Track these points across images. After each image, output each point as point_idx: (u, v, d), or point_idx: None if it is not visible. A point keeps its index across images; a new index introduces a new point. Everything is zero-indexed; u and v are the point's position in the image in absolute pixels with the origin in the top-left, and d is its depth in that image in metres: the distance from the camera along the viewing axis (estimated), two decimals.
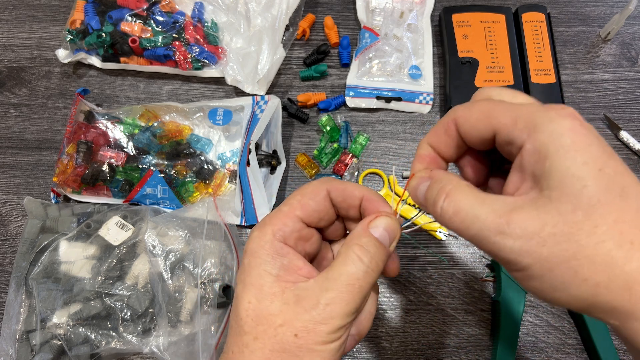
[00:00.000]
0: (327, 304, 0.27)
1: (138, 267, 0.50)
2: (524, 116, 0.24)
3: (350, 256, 0.28)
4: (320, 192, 0.32)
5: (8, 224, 0.58)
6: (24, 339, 0.48)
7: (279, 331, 0.27)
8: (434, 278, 0.54)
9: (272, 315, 0.27)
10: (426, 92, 0.62)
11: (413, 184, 0.29)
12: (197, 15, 0.63)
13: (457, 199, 0.25)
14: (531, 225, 0.22)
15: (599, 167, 0.22)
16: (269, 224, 0.30)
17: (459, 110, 0.28)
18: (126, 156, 0.56)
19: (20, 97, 0.64)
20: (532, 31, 0.62)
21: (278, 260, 0.29)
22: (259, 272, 0.28)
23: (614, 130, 0.60)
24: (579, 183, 0.21)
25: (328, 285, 0.27)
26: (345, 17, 0.68)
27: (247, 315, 0.28)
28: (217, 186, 0.56)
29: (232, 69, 0.61)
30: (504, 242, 0.22)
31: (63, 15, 0.69)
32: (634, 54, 0.65)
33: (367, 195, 0.32)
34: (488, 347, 0.51)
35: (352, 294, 0.27)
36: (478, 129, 0.27)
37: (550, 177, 0.22)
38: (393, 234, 0.30)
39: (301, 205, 0.31)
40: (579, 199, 0.21)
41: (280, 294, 0.27)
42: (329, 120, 0.59)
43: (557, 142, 0.22)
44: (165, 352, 0.47)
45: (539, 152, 0.23)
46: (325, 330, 0.26)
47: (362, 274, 0.28)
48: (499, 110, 0.26)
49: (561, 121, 0.23)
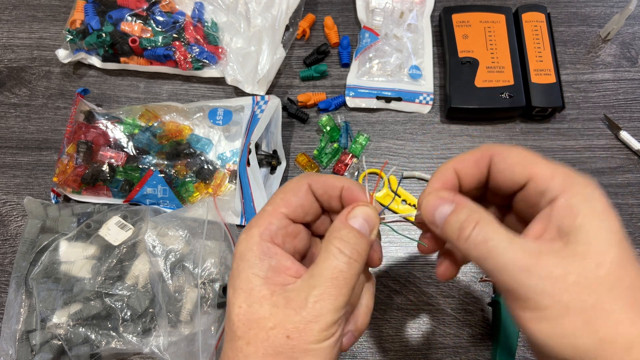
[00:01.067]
0: (315, 301, 0.27)
1: (138, 267, 0.50)
2: (562, 174, 0.27)
3: (331, 250, 0.28)
4: (301, 186, 0.32)
5: (8, 224, 0.58)
6: (24, 339, 0.48)
7: (271, 334, 0.27)
8: (434, 278, 0.54)
9: (263, 319, 0.27)
10: (426, 92, 0.62)
11: (432, 203, 0.29)
12: (197, 15, 0.63)
13: (487, 229, 0.26)
14: (557, 270, 0.24)
15: (620, 237, 0.25)
16: (255, 226, 0.30)
17: (497, 147, 0.30)
18: (126, 156, 0.56)
19: (20, 97, 0.64)
20: (532, 31, 0.62)
21: (266, 261, 0.29)
22: (247, 275, 0.28)
23: (614, 130, 0.60)
24: (606, 245, 0.24)
25: (314, 282, 0.27)
26: (345, 17, 0.68)
27: (238, 320, 0.28)
28: (217, 186, 0.56)
29: (232, 69, 0.61)
30: (528, 280, 0.24)
31: (63, 15, 0.69)
32: (634, 54, 0.65)
33: (347, 185, 0.32)
34: (488, 347, 0.51)
35: (338, 287, 0.27)
36: (514, 171, 0.28)
37: (578, 234, 0.24)
38: (372, 222, 0.30)
39: (284, 202, 0.31)
40: (604, 259, 0.24)
41: (269, 297, 0.27)
42: (329, 120, 0.59)
43: (590, 205, 0.25)
44: (165, 352, 0.47)
45: (572, 208, 0.25)
46: (317, 329, 0.26)
47: (345, 266, 0.28)
48: (539, 161, 0.28)
49: (594, 189, 0.26)
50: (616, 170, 0.59)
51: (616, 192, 0.57)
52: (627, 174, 0.58)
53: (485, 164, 0.30)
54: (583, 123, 0.61)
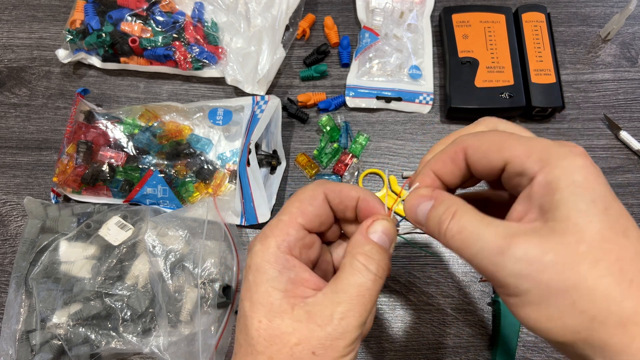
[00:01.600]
0: (341, 318, 0.26)
1: (138, 267, 0.50)
2: (538, 150, 0.25)
3: (357, 266, 0.28)
4: (318, 195, 0.31)
5: (8, 224, 0.58)
6: (24, 339, 0.48)
7: (295, 350, 0.26)
8: (434, 278, 0.54)
9: (286, 334, 0.27)
10: (426, 92, 0.62)
11: (413, 202, 0.29)
12: (197, 15, 0.63)
13: (462, 219, 0.25)
14: (533, 250, 0.23)
15: (605, 206, 0.23)
16: (271, 236, 0.29)
17: (468, 139, 0.28)
18: (126, 156, 0.56)
19: (20, 97, 0.64)
20: (532, 31, 0.62)
21: (285, 274, 0.28)
22: (266, 289, 0.28)
23: (614, 130, 0.60)
24: (586, 218, 0.22)
25: (339, 298, 0.27)
26: (345, 17, 0.68)
27: (259, 335, 0.27)
28: (217, 186, 0.56)
29: (232, 69, 0.61)
30: (504, 263, 0.23)
31: (63, 15, 0.69)
32: (634, 54, 0.65)
33: (363, 196, 0.31)
34: (488, 347, 0.51)
35: (364, 304, 0.27)
36: (489, 158, 0.27)
37: (557, 210, 0.23)
38: (391, 236, 0.30)
39: (301, 212, 0.30)
40: (584, 233, 0.22)
41: (290, 311, 0.27)
42: (329, 120, 0.59)
43: (569, 178, 0.23)
44: (165, 352, 0.47)
45: (550, 185, 0.23)
46: (342, 345, 0.26)
47: (372, 284, 0.28)
48: (512, 141, 0.26)
49: (574, 158, 0.24)
50: (616, 170, 0.59)
51: (616, 192, 0.57)
52: (627, 174, 0.58)
53: (461, 159, 0.29)
54: (583, 123, 0.61)
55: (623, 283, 0.21)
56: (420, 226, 0.29)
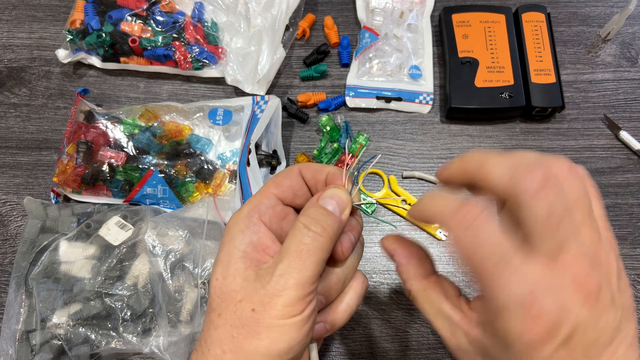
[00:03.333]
0: (280, 275, 0.27)
1: (138, 267, 0.50)
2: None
3: (298, 227, 0.29)
4: (292, 170, 0.33)
5: (8, 224, 0.58)
6: (24, 339, 0.48)
7: (238, 307, 0.27)
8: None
9: (234, 292, 0.28)
10: (426, 92, 0.62)
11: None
12: (197, 15, 0.63)
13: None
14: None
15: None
16: (246, 204, 0.31)
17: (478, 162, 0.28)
18: (126, 156, 0.56)
19: (20, 97, 0.64)
20: (532, 31, 0.62)
21: (247, 236, 0.29)
22: (228, 249, 0.29)
23: (614, 130, 0.60)
24: None
25: (280, 257, 0.28)
26: (345, 17, 0.68)
27: (214, 293, 0.28)
28: (217, 186, 0.56)
29: (232, 69, 0.61)
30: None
31: (63, 15, 0.69)
32: (634, 54, 0.65)
33: (332, 171, 0.33)
34: None
35: (301, 259, 0.27)
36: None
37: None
38: (342, 202, 0.31)
39: (275, 184, 0.32)
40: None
41: (243, 271, 0.28)
42: (329, 120, 0.59)
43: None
44: (165, 352, 0.47)
45: None
46: (281, 303, 0.26)
47: (309, 240, 0.28)
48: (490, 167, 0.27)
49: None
50: (616, 170, 0.59)
51: (616, 192, 0.57)
52: (627, 174, 0.58)
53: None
54: (583, 123, 0.61)
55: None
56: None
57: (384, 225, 0.57)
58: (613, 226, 0.56)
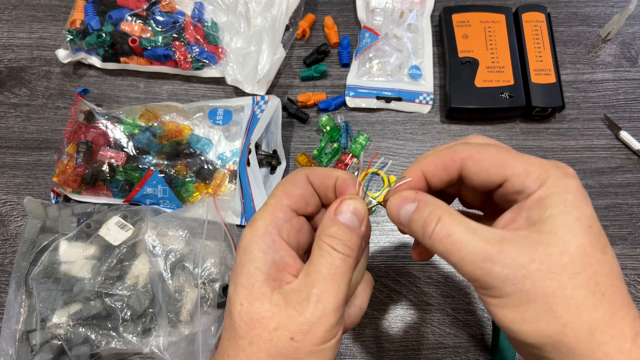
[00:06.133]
0: (317, 301, 0.26)
1: (138, 267, 0.50)
2: (536, 170, 0.27)
3: (324, 248, 0.28)
4: (300, 177, 0.32)
5: (8, 224, 0.58)
6: (24, 339, 0.48)
7: (274, 335, 0.26)
8: (434, 278, 0.54)
9: (265, 319, 0.27)
10: (426, 92, 0.62)
11: (395, 203, 0.30)
12: (197, 15, 0.63)
13: (449, 223, 0.26)
14: (520, 258, 0.24)
15: (589, 224, 0.25)
16: (260, 218, 0.30)
17: (468, 150, 0.29)
18: (126, 156, 0.56)
19: (20, 97, 0.64)
20: (532, 31, 0.62)
21: (270, 256, 0.28)
22: (249, 270, 0.28)
23: (614, 130, 0.60)
24: (571, 233, 0.24)
25: (312, 280, 0.27)
26: (345, 17, 0.68)
27: (240, 319, 0.27)
28: (217, 186, 0.56)
29: (232, 69, 0.61)
30: (492, 268, 0.24)
31: (63, 15, 0.69)
32: (634, 54, 0.65)
33: (341, 175, 0.32)
34: (488, 347, 0.51)
35: (336, 282, 0.27)
36: (489, 173, 0.28)
37: (546, 223, 0.25)
38: (361, 215, 0.30)
39: (286, 194, 0.31)
40: (567, 246, 0.24)
41: (269, 295, 0.27)
42: (329, 120, 0.59)
43: (562, 198, 0.25)
44: (165, 352, 0.47)
45: (544, 201, 0.25)
46: (321, 330, 0.26)
47: (341, 262, 0.28)
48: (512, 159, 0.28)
49: (569, 180, 0.26)
50: (616, 170, 0.59)
51: (616, 192, 0.57)
52: (627, 174, 0.58)
53: (455, 169, 0.30)
54: (583, 123, 0.61)
55: (596, 295, 0.23)
56: (402, 227, 0.30)
57: (384, 225, 0.57)
58: (613, 226, 0.56)
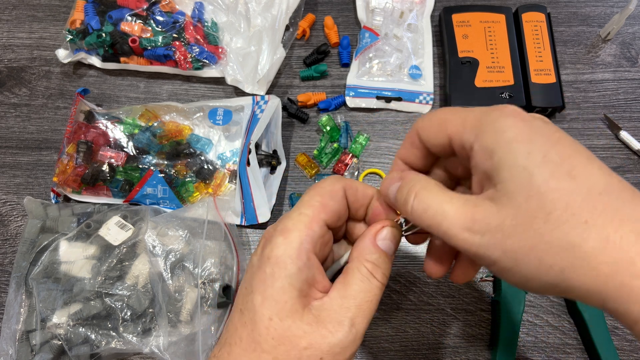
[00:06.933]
0: (351, 325, 0.27)
1: (138, 267, 0.50)
2: (471, 119, 0.25)
3: (365, 273, 0.28)
4: (339, 191, 0.30)
5: (8, 224, 0.58)
6: (24, 339, 0.48)
7: (304, 354, 0.26)
8: (434, 278, 0.54)
9: (296, 337, 0.26)
10: (426, 92, 0.62)
11: (385, 185, 0.30)
12: (197, 15, 0.63)
13: (424, 197, 0.26)
14: (494, 219, 0.23)
15: (543, 154, 0.22)
16: (295, 230, 0.28)
17: (419, 121, 0.29)
18: (126, 156, 0.56)
19: (20, 97, 0.64)
20: (532, 31, 0.62)
21: (304, 272, 0.27)
22: (282, 285, 0.26)
23: (614, 130, 0.60)
24: (526, 172, 0.22)
25: (348, 304, 0.27)
26: (345, 17, 0.68)
27: (267, 334, 0.26)
28: (217, 186, 0.56)
29: (232, 69, 0.61)
30: (472, 238, 0.23)
31: (63, 15, 0.69)
32: (634, 54, 0.65)
33: (377, 195, 0.32)
34: (488, 347, 0.51)
35: (371, 310, 0.28)
36: (436, 136, 0.28)
37: (500, 172, 0.23)
38: (397, 243, 0.30)
39: (324, 207, 0.29)
40: (529, 188, 0.22)
41: (301, 313, 0.26)
42: (329, 120, 0.59)
43: (500, 138, 0.23)
44: (165, 352, 0.47)
45: (486, 149, 0.24)
46: (350, 353, 0.27)
47: (378, 291, 0.28)
48: (451, 116, 0.27)
49: (503, 119, 0.24)
50: (616, 170, 0.59)
51: None
52: (627, 174, 0.58)
53: (417, 140, 0.29)
54: (583, 123, 0.61)
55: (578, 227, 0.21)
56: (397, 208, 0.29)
57: None
58: None
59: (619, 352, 0.50)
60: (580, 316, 0.49)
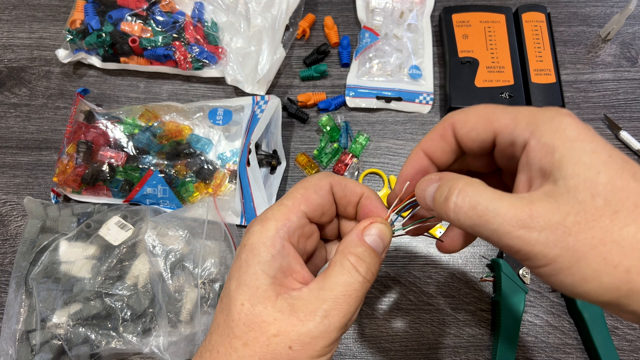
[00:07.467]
0: (324, 316, 0.26)
1: (138, 267, 0.50)
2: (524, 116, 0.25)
3: (347, 266, 0.27)
4: (324, 185, 0.31)
5: (8, 224, 0.58)
6: (24, 339, 0.48)
7: (272, 341, 0.26)
8: (434, 278, 0.54)
9: (266, 323, 0.26)
10: (426, 92, 0.62)
11: (422, 187, 0.28)
12: (197, 15, 0.63)
13: (472, 193, 0.24)
14: (554, 216, 0.22)
15: (608, 154, 0.22)
16: (272, 219, 0.28)
17: (455, 115, 0.28)
18: (126, 156, 0.56)
19: (20, 97, 0.64)
20: (532, 31, 0.62)
21: (278, 260, 0.27)
22: (255, 271, 0.27)
23: (614, 130, 0.60)
24: (592, 170, 0.21)
25: (324, 295, 0.27)
26: (345, 17, 0.68)
27: (239, 319, 0.26)
28: (217, 186, 0.56)
29: (232, 69, 0.61)
30: (529, 235, 0.22)
31: (63, 15, 0.69)
32: (634, 54, 0.65)
33: (367, 193, 0.31)
34: (488, 347, 0.51)
35: (348, 305, 0.27)
36: (478, 131, 0.27)
37: (562, 168, 0.22)
38: (386, 241, 0.29)
39: (305, 199, 0.30)
40: (595, 186, 0.21)
41: (274, 300, 0.26)
42: (329, 120, 0.59)
43: (563, 135, 0.23)
44: (165, 352, 0.47)
45: (545, 145, 0.23)
46: (321, 344, 0.26)
47: (359, 285, 0.27)
48: (498, 112, 0.26)
49: (562, 118, 0.23)
50: None
51: None
52: None
53: (450, 135, 0.28)
54: None
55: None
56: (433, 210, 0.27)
57: None
58: None
59: (619, 352, 0.50)
60: (580, 316, 0.49)
